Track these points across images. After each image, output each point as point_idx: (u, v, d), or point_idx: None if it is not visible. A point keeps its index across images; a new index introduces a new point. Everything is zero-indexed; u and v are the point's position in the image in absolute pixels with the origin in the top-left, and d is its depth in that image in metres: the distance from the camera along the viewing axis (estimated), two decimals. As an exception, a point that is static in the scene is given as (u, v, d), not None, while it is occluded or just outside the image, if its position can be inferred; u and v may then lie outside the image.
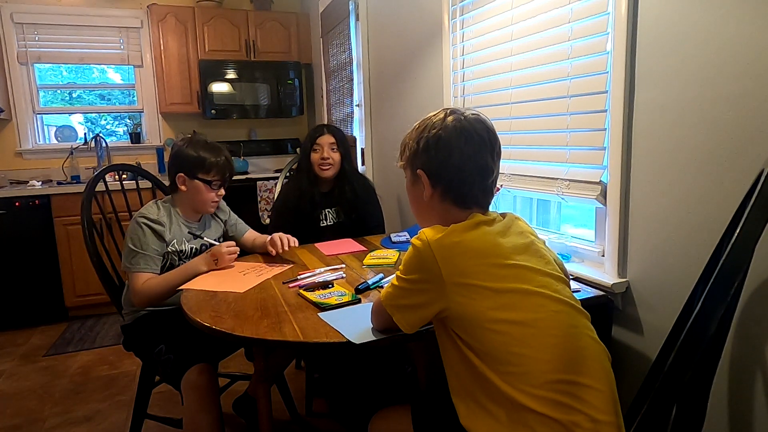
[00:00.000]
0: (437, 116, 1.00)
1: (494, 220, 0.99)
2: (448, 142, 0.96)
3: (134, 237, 1.60)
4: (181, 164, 1.68)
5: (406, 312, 0.96)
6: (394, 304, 0.97)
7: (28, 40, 3.65)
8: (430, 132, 0.98)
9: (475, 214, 0.97)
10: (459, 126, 0.96)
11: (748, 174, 0.90)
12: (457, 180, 0.97)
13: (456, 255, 0.89)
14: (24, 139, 3.72)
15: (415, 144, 1.00)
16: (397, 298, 0.97)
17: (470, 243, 0.91)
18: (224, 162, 1.69)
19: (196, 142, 1.70)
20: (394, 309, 0.97)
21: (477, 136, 0.96)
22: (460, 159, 0.96)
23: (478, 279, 0.88)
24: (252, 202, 3.73)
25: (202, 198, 1.69)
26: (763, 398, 0.99)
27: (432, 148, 0.97)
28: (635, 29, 1.21)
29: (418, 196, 1.03)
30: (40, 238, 3.23)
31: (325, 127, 2.15)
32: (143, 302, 1.60)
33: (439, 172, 0.97)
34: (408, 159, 1.03)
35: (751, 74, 0.96)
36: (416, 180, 1.01)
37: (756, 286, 0.97)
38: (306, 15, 4.12)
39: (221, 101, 3.86)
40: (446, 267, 0.88)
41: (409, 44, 2.37)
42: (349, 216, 2.18)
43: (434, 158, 0.97)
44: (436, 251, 0.89)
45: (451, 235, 0.91)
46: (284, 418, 2.04)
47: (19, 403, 2.29)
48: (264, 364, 1.30)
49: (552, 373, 0.83)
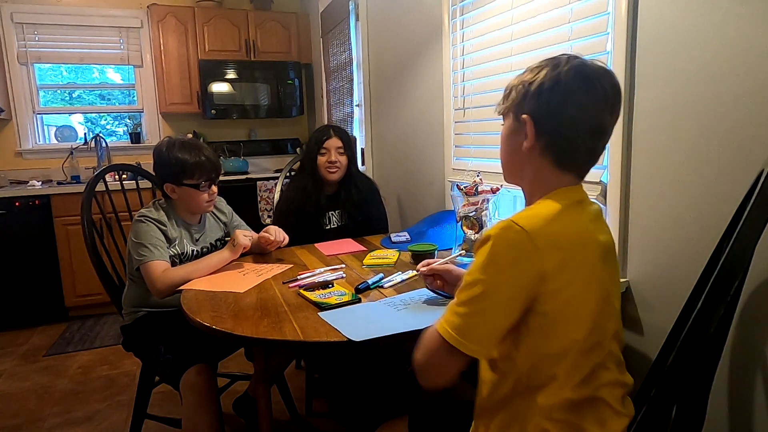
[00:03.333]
0: (556, 59, 0.84)
1: (586, 199, 0.87)
2: (567, 87, 0.81)
3: (139, 232, 1.58)
4: (165, 173, 1.65)
5: (483, 330, 0.79)
6: (471, 333, 0.78)
7: (28, 40, 3.65)
8: (546, 74, 0.82)
9: (574, 188, 0.86)
10: (582, 73, 0.81)
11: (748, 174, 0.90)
12: (566, 133, 0.83)
13: (560, 248, 0.77)
14: (24, 139, 3.72)
15: (525, 87, 0.85)
16: (472, 317, 0.78)
17: (573, 236, 0.79)
18: (205, 161, 1.65)
19: (172, 145, 1.64)
20: (471, 337, 0.78)
21: (600, 88, 0.81)
22: (575, 110, 0.81)
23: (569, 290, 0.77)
24: (252, 202, 3.73)
25: (195, 201, 1.67)
26: (763, 398, 0.99)
27: (546, 92, 0.82)
28: (635, 29, 1.21)
29: (515, 146, 0.88)
30: (40, 238, 3.23)
31: (332, 129, 2.11)
32: (165, 292, 1.53)
33: (548, 121, 0.83)
34: (513, 103, 0.87)
35: (752, 74, 0.96)
36: (518, 128, 0.87)
37: (756, 286, 0.97)
38: (306, 15, 4.12)
39: (221, 101, 3.86)
40: (551, 259, 0.75)
41: (409, 44, 2.37)
42: (354, 218, 2.17)
43: (546, 104, 0.82)
44: (539, 239, 0.75)
45: (553, 223, 0.78)
46: (284, 418, 2.04)
47: (19, 403, 2.29)
48: (264, 364, 1.30)
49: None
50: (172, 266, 1.62)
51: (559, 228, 0.78)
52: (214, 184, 1.70)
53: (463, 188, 1.63)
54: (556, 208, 0.80)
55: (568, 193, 0.85)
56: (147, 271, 1.54)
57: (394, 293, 1.33)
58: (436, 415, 1.11)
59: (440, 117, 2.13)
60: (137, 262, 1.57)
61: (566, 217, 0.81)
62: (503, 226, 0.78)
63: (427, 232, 1.94)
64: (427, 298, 1.27)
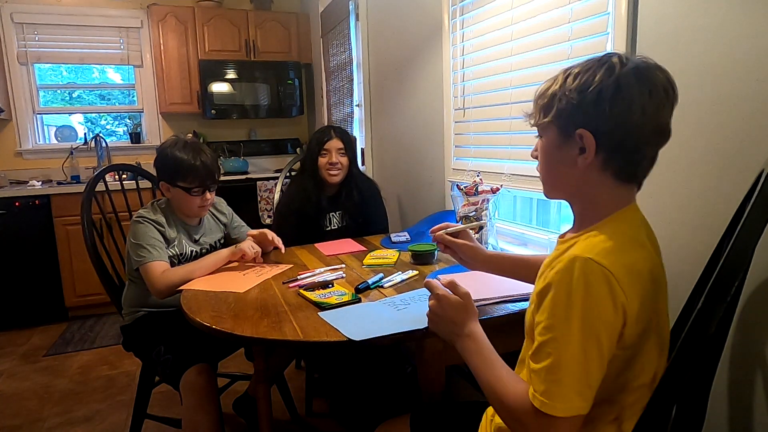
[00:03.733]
0: (604, 61, 0.74)
1: (644, 219, 0.81)
2: (629, 92, 0.71)
3: (137, 233, 1.58)
4: (162, 171, 1.65)
5: (583, 383, 0.69)
6: (569, 393, 0.68)
7: (28, 40, 3.65)
8: (602, 79, 0.72)
9: (634, 208, 0.79)
10: (640, 73, 0.72)
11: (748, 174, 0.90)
12: (632, 144, 0.74)
13: (637, 282, 0.71)
14: (24, 139, 3.72)
15: (577, 94, 0.74)
16: (567, 375, 0.68)
17: (644, 268, 0.72)
18: (200, 166, 1.61)
19: (174, 144, 1.63)
20: (571, 398, 0.68)
21: (661, 86, 0.73)
22: (641, 116, 0.72)
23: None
24: (252, 202, 3.73)
25: (187, 204, 1.66)
26: (763, 398, 0.99)
27: (606, 100, 0.72)
28: (635, 29, 1.21)
29: (563, 162, 0.78)
30: (40, 238, 3.23)
31: (333, 130, 2.10)
32: (165, 292, 1.52)
33: (611, 133, 0.73)
34: (561, 114, 0.76)
35: (752, 74, 0.96)
36: (567, 141, 0.77)
37: (756, 286, 0.97)
38: (306, 15, 4.12)
39: (221, 101, 3.86)
40: (631, 294, 0.69)
41: (409, 44, 2.37)
42: (355, 220, 2.16)
43: (607, 113, 0.72)
44: (619, 275, 0.68)
45: (626, 253, 0.71)
46: (284, 418, 2.04)
47: (19, 403, 2.29)
48: (264, 364, 1.30)
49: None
50: (171, 267, 1.61)
51: (632, 259, 0.72)
52: (208, 191, 1.67)
53: (463, 188, 1.63)
54: (625, 237, 0.74)
55: (633, 216, 0.78)
56: (146, 271, 1.54)
57: (394, 293, 1.33)
58: (437, 415, 1.11)
59: (440, 117, 2.13)
60: (136, 263, 1.57)
61: (636, 246, 0.75)
62: (582, 266, 0.69)
63: (427, 232, 1.94)
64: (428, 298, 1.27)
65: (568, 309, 0.68)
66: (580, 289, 0.68)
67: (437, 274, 1.42)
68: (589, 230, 0.78)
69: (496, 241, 1.67)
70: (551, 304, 0.70)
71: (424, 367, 1.17)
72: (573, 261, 0.69)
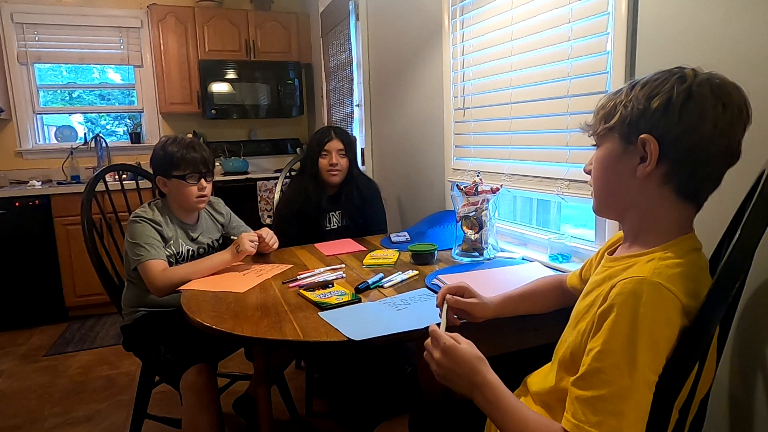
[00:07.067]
0: (677, 72, 0.71)
1: (700, 247, 0.77)
2: (702, 103, 0.68)
3: (134, 232, 1.59)
4: (157, 167, 1.67)
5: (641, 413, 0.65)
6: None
7: (28, 40, 3.66)
8: (673, 88, 0.69)
9: (692, 236, 0.76)
10: (715, 85, 0.69)
11: (748, 175, 0.90)
12: (698, 157, 0.70)
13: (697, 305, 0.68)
14: (24, 139, 3.72)
15: (645, 100, 0.71)
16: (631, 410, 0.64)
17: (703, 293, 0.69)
18: (193, 154, 1.65)
19: (166, 141, 1.68)
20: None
21: (736, 103, 0.70)
22: (712, 129, 0.68)
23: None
24: (252, 202, 3.73)
25: (184, 194, 1.67)
26: (763, 398, 0.99)
27: (676, 109, 0.69)
28: (635, 29, 1.21)
29: (621, 172, 0.75)
30: (40, 238, 3.23)
31: (333, 131, 2.11)
32: (164, 290, 1.52)
33: (677, 142, 0.69)
34: (625, 119, 0.73)
35: (752, 74, 0.96)
36: (628, 149, 0.74)
37: (756, 286, 0.97)
38: (306, 15, 4.12)
39: (221, 101, 3.86)
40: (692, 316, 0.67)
41: (409, 44, 2.37)
42: (355, 220, 2.17)
43: (676, 121, 0.69)
44: (690, 309, 0.66)
45: (698, 283, 0.69)
46: (284, 418, 2.04)
47: (19, 403, 2.29)
48: (264, 364, 1.30)
49: None
50: (169, 266, 1.62)
51: (694, 285, 0.69)
52: (204, 179, 1.68)
53: (463, 188, 1.63)
54: (695, 268, 0.71)
55: (692, 243, 0.75)
56: (145, 270, 1.54)
57: (394, 293, 1.33)
58: (436, 415, 1.11)
59: (440, 117, 2.13)
60: (134, 262, 1.57)
61: (705, 280, 0.71)
62: (651, 290, 0.65)
63: (427, 232, 1.94)
64: (428, 297, 1.27)
65: (632, 334, 0.64)
66: (648, 315, 0.64)
67: (437, 274, 1.42)
68: (653, 251, 0.73)
69: (496, 241, 1.67)
70: (613, 327, 0.66)
71: (424, 367, 1.17)
72: (641, 283, 0.66)
